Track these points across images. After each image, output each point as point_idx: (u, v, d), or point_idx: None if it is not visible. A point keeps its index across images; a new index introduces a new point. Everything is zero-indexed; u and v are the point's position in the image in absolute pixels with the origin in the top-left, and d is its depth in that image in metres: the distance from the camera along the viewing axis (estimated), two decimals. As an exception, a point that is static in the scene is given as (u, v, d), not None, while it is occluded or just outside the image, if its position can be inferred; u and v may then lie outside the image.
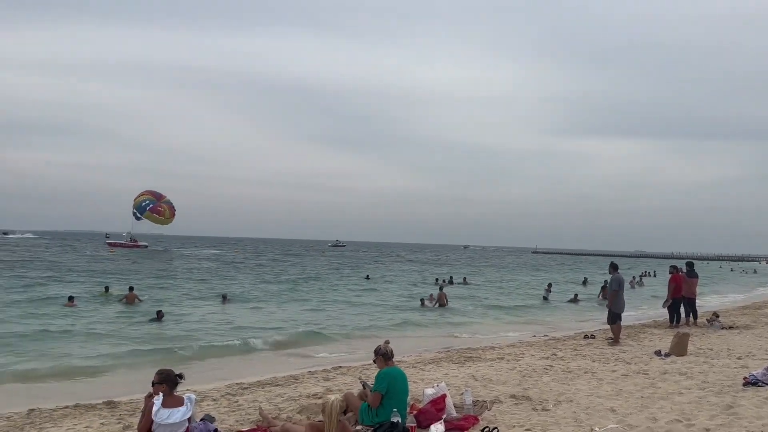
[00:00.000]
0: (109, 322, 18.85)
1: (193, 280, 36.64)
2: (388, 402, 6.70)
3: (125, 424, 7.40)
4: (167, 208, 75.06)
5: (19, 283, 30.44)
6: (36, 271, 39.23)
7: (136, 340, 15.72)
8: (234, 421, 7.53)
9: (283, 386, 10.01)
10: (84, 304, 22.70)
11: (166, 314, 19.69)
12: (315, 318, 21.55)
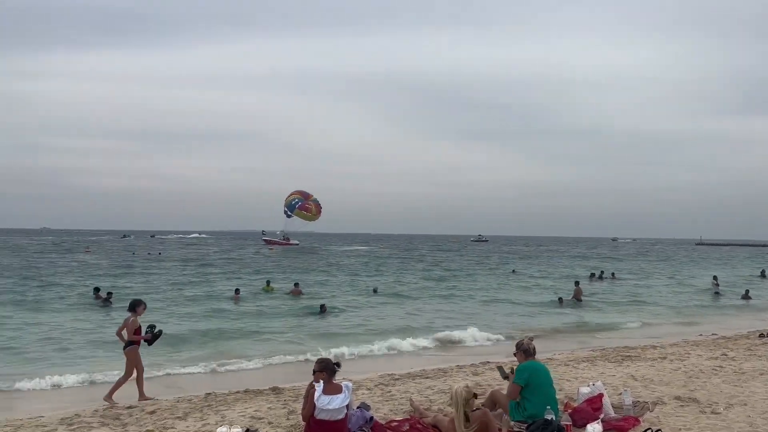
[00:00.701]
0: (278, 315, 20.25)
1: (346, 275, 38.34)
2: (533, 396, 6.63)
3: (290, 409, 7.96)
4: (314, 205, 79.16)
5: (194, 279, 33.76)
6: (211, 267, 43.39)
7: (302, 332, 16.92)
8: (388, 410, 7.81)
9: (433, 379, 10.19)
10: (250, 297, 24.81)
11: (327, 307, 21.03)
12: (460, 313, 21.61)
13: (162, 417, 7.72)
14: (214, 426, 7.10)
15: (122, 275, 35.86)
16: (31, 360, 13.07)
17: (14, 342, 14.98)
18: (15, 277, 33.79)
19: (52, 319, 18.63)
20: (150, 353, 10.65)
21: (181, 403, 8.58)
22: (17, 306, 21.66)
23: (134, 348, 9.23)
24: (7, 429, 7.28)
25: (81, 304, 22.42)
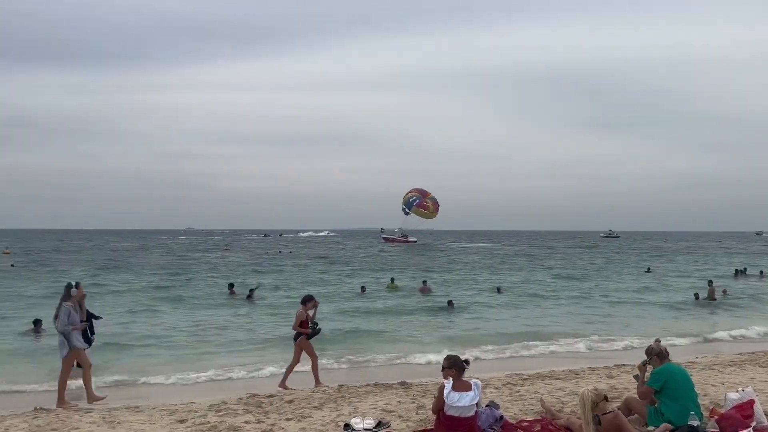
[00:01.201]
0: (406, 312, 20.61)
1: (467, 273, 38.19)
2: (672, 401, 6.32)
3: (418, 404, 8.12)
4: (432, 203, 79.43)
5: (324, 276, 35.21)
6: (336, 264, 45.06)
7: (430, 329, 17.14)
8: (517, 410, 7.74)
9: (564, 380, 9.93)
10: (376, 295, 25.57)
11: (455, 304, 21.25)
12: (592, 315, 20.78)
13: (300, 406, 8.17)
14: (347, 416, 7.42)
15: (257, 273, 38.15)
16: (182, 351, 14.30)
17: (167, 334, 16.46)
18: (162, 272, 37.15)
19: (197, 313, 20.27)
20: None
21: (316, 394, 9.03)
22: (166, 301, 23.80)
23: (304, 338, 9.97)
24: (163, 412, 8.04)
25: (222, 299, 24.18)
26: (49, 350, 13.00)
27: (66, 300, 9.27)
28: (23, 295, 25.72)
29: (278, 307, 21.74)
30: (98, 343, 11.10)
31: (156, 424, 7.34)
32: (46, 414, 8.07)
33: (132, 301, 23.69)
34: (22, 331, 16.29)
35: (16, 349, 14.34)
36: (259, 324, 18.17)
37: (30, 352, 14.02)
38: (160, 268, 41.15)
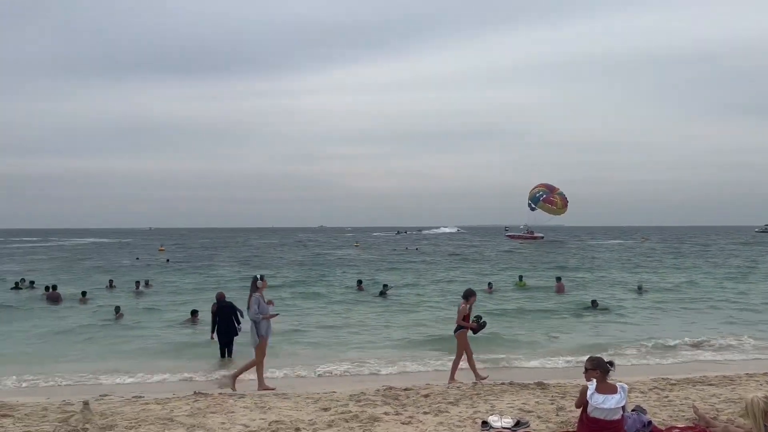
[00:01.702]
0: (541, 312, 20.14)
1: (603, 271, 36.44)
2: None
3: (558, 405, 7.92)
4: (560, 199, 76.48)
5: (453, 274, 35.25)
6: (465, 261, 44.94)
7: (567, 329, 16.71)
8: (666, 416, 7.32)
9: (717, 386, 9.22)
10: (504, 293, 25.15)
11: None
12: (746, 318, 19.02)
13: (436, 401, 8.28)
14: (484, 414, 7.41)
15: (385, 269, 38.99)
16: (319, 345, 14.98)
17: (305, 329, 17.30)
18: (299, 268, 39.06)
19: (332, 308, 21.13)
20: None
21: (451, 390, 9.09)
22: (303, 296, 25.04)
23: (463, 332, 10.21)
24: (308, 400, 8.50)
25: (353, 294, 25.01)
26: (205, 338, 14.22)
27: (254, 291, 10.04)
28: (180, 287, 28.24)
29: (409, 304, 22.06)
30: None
31: (302, 411, 7.78)
32: (204, 398, 8.81)
33: (273, 296, 25.16)
34: (180, 321, 17.88)
35: (176, 339, 15.76)
36: (390, 320, 18.57)
37: (189, 341, 15.36)
38: (297, 264, 43.33)
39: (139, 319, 18.83)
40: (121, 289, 26.34)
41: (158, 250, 68.65)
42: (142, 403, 8.47)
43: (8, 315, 19.85)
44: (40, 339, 15.68)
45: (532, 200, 77.43)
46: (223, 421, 7.23)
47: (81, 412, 7.35)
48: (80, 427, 6.77)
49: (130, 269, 39.91)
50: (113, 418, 7.37)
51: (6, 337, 15.95)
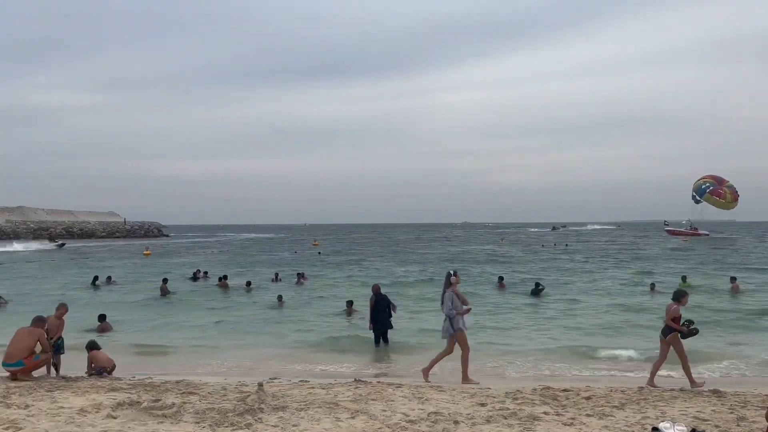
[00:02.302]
0: (714, 313, 18.49)
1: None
2: None
3: (738, 415, 7.23)
4: (729, 192, 69.23)
5: (610, 274, 33.47)
6: (624, 261, 42.55)
7: (748, 334, 15.39)
8: None
9: None
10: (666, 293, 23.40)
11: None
12: None
13: (599, 404, 7.93)
14: (654, 420, 6.97)
15: (535, 267, 37.96)
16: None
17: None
18: (440, 263, 39.26)
19: (478, 302, 20.97)
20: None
21: (614, 393, 8.66)
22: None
23: (675, 335, 9.68)
24: (464, 395, 8.53)
25: (493, 291, 24.61)
26: (360, 328, 14.79)
27: (447, 287, 10.21)
28: (333, 280, 29.64)
29: (563, 302, 21.30)
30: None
31: (459, 405, 7.83)
32: (364, 385, 9.19)
33: (422, 292, 25.51)
34: (337, 312, 18.78)
35: (333, 328, 16.57)
36: (542, 319, 18.09)
37: (345, 330, 16.09)
38: (446, 260, 43.61)
39: (299, 308, 20.05)
40: (287, 282, 27.93)
41: (312, 244, 72.56)
42: (308, 387, 9.03)
43: (188, 303, 22.10)
44: (215, 325, 17.26)
45: (696, 192, 71.06)
46: (384, 408, 7.49)
47: (256, 393, 8.00)
48: (256, 407, 7.35)
49: (289, 262, 42.59)
50: (284, 399, 7.92)
51: (185, 323, 17.75)
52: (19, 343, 9.64)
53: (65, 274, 34.32)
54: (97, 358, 10.80)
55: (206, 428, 6.38)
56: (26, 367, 9.58)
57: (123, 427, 6.36)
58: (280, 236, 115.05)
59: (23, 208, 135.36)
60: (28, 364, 9.59)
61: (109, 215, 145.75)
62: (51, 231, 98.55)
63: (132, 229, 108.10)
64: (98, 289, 26.16)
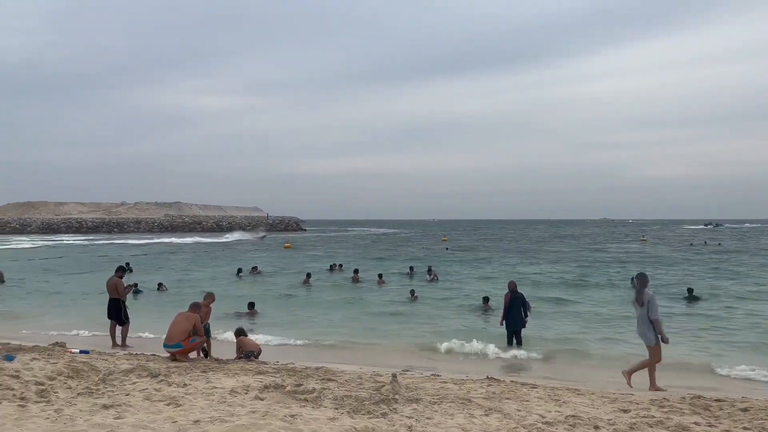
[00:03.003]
0: None
1: None
2: None
3: None
4: None
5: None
6: None
7: None
8: None
9: None
10: None
11: None
12: None
13: (758, 417, 7.23)
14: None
15: (680, 267, 35.32)
16: (603, 342, 14.24)
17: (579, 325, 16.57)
18: (573, 263, 37.63)
19: (612, 306, 19.86)
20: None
21: (777, 407, 7.86)
22: (579, 288, 24.05)
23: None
24: (604, 399, 8.14)
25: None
26: (491, 325, 14.61)
27: (643, 287, 9.68)
28: (464, 276, 29.53)
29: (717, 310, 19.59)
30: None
31: (599, 410, 7.49)
32: (497, 383, 9.08)
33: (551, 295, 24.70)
34: (471, 308, 18.72)
35: (467, 323, 16.53)
36: (696, 324, 16.80)
37: (479, 326, 15.99)
38: (574, 261, 41.78)
39: (431, 303, 20.20)
40: (419, 278, 28.27)
41: (441, 240, 72.75)
42: (440, 381, 9.09)
43: (324, 295, 23.09)
44: (348, 317, 17.87)
45: None
46: (518, 408, 7.35)
47: (390, 384, 8.18)
48: (391, 397, 7.52)
49: (419, 257, 43.01)
50: (417, 391, 8.04)
51: (321, 314, 18.56)
52: (178, 326, 10.59)
53: (214, 264, 37.18)
54: (245, 343, 11.61)
55: (344, 414, 6.63)
56: (184, 349, 10.51)
57: (269, 408, 6.77)
58: (409, 232, 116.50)
59: (179, 204, 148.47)
60: (185, 346, 10.51)
61: (253, 210, 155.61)
62: (203, 224, 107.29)
63: (274, 223, 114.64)
64: (242, 280, 28.07)
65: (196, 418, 6.25)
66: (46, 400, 6.83)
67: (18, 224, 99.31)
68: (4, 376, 7.70)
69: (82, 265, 36.83)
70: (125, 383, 7.96)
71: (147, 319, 15.24)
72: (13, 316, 17.78)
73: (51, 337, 13.24)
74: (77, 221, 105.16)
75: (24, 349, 10.40)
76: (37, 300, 21.42)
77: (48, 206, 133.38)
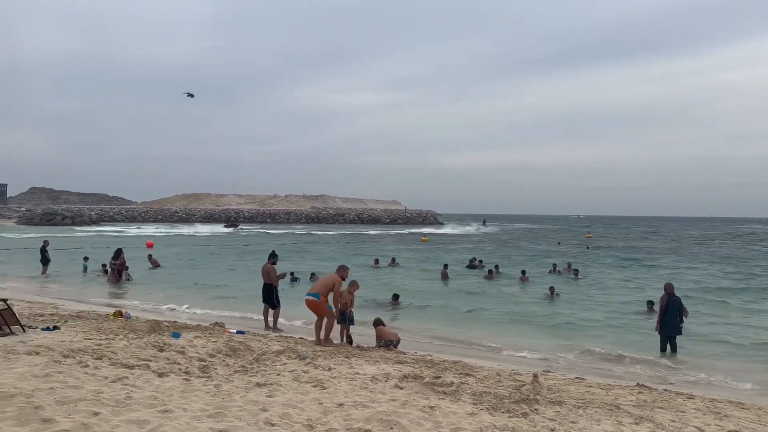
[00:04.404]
0: None
1: None
2: None
3: None
4: None
5: None
6: None
7: None
8: None
9: None
10: None
11: None
12: None
13: None
14: None
15: None
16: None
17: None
18: (723, 267, 34.06)
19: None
20: None
21: None
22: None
23: None
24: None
25: None
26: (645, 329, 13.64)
27: None
28: (608, 275, 27.98)
29: None
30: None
31: (766, 426, 6.76)
32: (648, 391, 8.50)
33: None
34: (623, 311, 17.73)
35: (617, 325, 15.64)
36: None
37: (631, 329, 15.05)
38: (725, 263, 37.87)
39: (574, 303, 19.37)
40: (563, 276, 27.16)
41: (585, 236, 69.53)
42: (585, 385, 8.69)
43: (463, 289, 23.01)
44: (485, 313, 17.62)
45: None
46: (673, 419, 6.83)
47: (531, 383, 7.96)
48: (531, 397, 7.32)
49: (551, 254, 41.39)
50: (560, 394, 7.74)
51: (459, 308, 18.49)
52: (323, 281, 11.41)
53: (352, 256, 38.44)
54: (384, 333, 11.90)
55: (483, 411, 6.55)
56: (319, 302, 11.04)
57: (408, 398, 6.87)
58: (547, 227, 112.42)
59: (324, 197, 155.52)
60: (322, 299, 11.08)
61: (391, 203, 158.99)
62: (345, 216, 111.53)
63: (411, 217, 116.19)
64: (380, 270, 28.74)
65: (339, 402, 6.50)
66: (207, 376, 7.46)
67: (184, 213, 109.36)
68: (172, 351, 8.52)
69: (235, 252, 39.80)
70: (276, 364, 8.49)
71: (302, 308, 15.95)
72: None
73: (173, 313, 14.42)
74: (235, 212, 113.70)
75: (188, 328, 11.46)
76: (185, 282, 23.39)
77: (210, 197, 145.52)
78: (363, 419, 5.80)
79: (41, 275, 24.04)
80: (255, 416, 5.72)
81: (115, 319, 11.99)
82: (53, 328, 10.26)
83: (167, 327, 10.94)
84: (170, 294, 19.73)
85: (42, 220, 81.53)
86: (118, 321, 11.73)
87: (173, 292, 20.23)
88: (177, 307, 17.01)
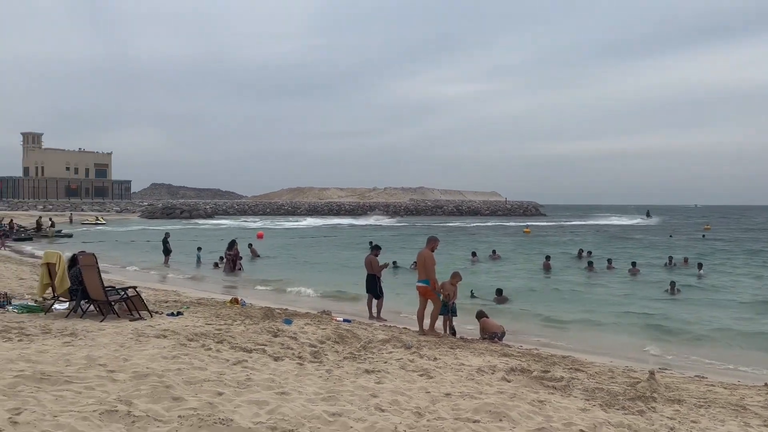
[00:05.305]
0: None
1: None
2: None
3: None
4: None
5: None
6: None
7: None
8: None
9: None
10: None
11: None
12: None
13: None
14: None
15: None
16: None
17: None
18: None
19: None
20: None
21: None
22: None
23: None
24: None
25: None
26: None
27: None
28: (728, 269, 26.09)
29: None
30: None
31: None
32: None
33: None
34: (743, 304, 16.55)
35: (738, 325, 14.61)
36: None
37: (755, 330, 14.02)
38: None
39: (695, 300, 18.16)
40: (678, 270, 25.63)
41: (703, 228, 65.17)
42: (706, 384, 8.21)
43: (571, 279, 22.31)
44: (597, 308, 16.94)
45: None
46: (812, 424, 6.29)
47: (647, 381, 7.61)
48: (648, 395, 7.00)
49: (662, 246, 39.03)
50: (679, 392, 7.35)
51: (568, 300, 17.91)
52: (421, 263, 11.44)
53: (455, 247, 38.24)
54: (488, 325, 11.79)
55: (596, 407, 6.35)
56: (428, 288, 11.24)
57: (516, 391, 6.78)
58: (663, 219, 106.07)
59: (423, 189, 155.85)
60: (431, 284, 11.26)
61: (491, 195, 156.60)
62: (444, 208, 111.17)
63: (512, 208, 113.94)
64: (482, 263, 28.38)
65: (447, 391, 6.53)
66: (319, 361, 7.74)
67: (290, 207, 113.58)
68: (285, 337, 8.92)
69: (339, 243, 40.83)
70: (383, 352, 8.66)
71: (403, 298, 16.19)
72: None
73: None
74: (337, 204, 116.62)
75: (298, 315, 11.92)
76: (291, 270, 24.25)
77: (313, 191, 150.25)
78: (471, 410, 5.79)
79: (163, 265, 25.84)
80: (365, 401, 5.87)
81: (231, 306, 12.69)
82: (177, 313, 11.01)
83: (279, 314, 11.43)
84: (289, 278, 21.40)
85: (162, 213, 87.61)
86: (235, 308, 12.41)
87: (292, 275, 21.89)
88: (302, 289, 18.83)
